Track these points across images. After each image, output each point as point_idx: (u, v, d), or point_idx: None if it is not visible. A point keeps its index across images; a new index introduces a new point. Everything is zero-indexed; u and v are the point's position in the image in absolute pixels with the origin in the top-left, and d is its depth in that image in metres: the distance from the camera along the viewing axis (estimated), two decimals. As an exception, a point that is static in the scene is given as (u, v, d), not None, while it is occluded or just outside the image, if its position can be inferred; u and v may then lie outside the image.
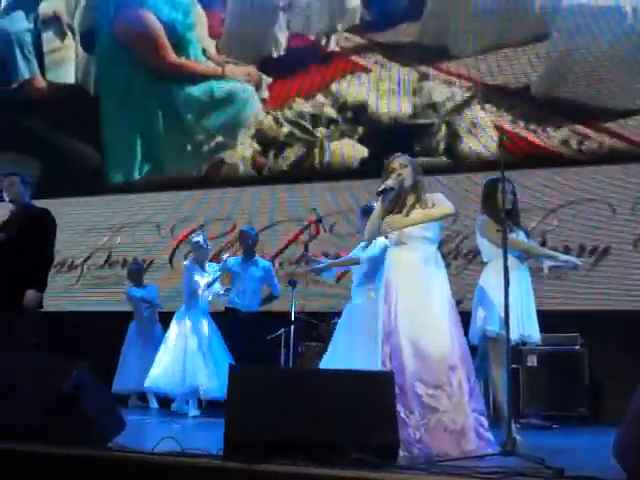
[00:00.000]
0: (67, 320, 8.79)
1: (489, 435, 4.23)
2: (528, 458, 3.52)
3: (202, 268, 7.73)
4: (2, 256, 5.60)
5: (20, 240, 5.61)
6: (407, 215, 4.52)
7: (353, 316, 5.99)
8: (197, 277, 7.64)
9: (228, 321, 7.72)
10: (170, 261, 9.20)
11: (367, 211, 6.39)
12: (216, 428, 5.66)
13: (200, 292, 7.61)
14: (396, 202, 4.61)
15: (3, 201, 5.95)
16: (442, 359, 4.26)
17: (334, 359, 5.89)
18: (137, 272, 8.90)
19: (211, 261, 8.07)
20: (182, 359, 7.41)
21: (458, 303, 6.62)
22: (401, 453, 3.65)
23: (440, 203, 4.54)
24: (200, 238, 7.83)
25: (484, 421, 4.28)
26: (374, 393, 3.49)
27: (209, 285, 7.62)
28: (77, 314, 9.28)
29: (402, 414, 4.12)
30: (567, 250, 7.61)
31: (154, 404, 8.19)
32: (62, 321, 8.17)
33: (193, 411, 7.30)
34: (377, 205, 4.56)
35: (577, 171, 8.03)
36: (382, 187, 4.51)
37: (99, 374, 4.04)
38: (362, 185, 8.21)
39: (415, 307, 4.35)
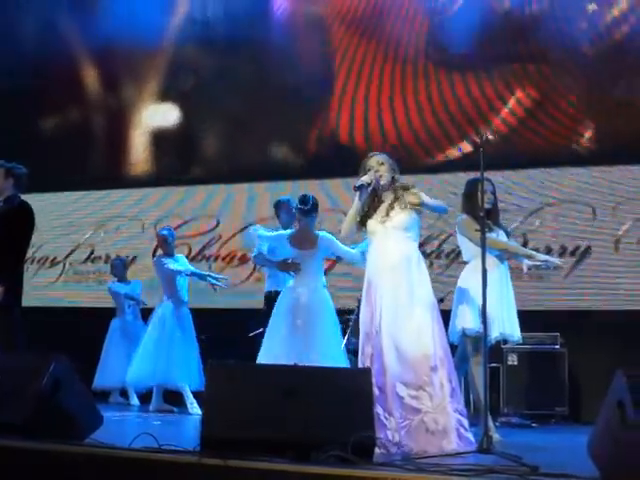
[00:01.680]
0: (49, 316, 8.77)
1: (469, 435, 4.25)
2: (505, 456, 3.53)
3: (171, 258, 7.77)
4: None
5: None
6: (387, 215, 4.54)
7: None
8: (172, 265, 7.65)
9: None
10: (153, 257, 9.16)
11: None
12: (194, 424, 5.71)
13: (178, 279, 7.64)
14: (372, 200, 4.63)
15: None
16: (424, 360, 4.28)
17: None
18: (120, 267, 8.88)
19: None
20: (155, 353, 7.47)
21: (440, 302, 6.67)
22: (378, 451, 3.66)
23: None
24: (166, 232, 7.88)
25: (464, 421, 4.30)
26: (351, 390, 3.50)
27: (201, 277, 7.64)
28: (59, 310, 9.25)
29: (382, 416, 4.14)
30: (548, 250, 7.65)
31: (135, 401, 8.17)
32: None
33: (154, 404, 7.50)
34: (354, 202, 4.58)
35: (558, 172, 8.06)
36: (359, 183, 4.54)
37: (80, 370, 4.03)
38: (345, 183, 8.18)
39: (397, 307, 4.36)
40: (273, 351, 5.62)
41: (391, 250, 4.50)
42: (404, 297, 4.39)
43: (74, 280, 9.83)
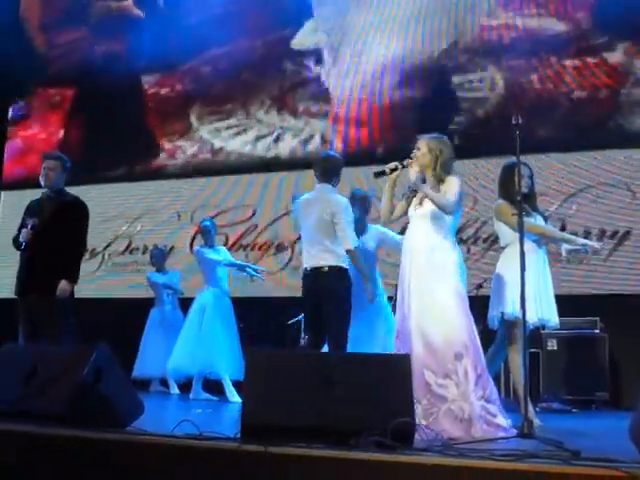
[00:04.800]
0: (89, 307, 8.87)
1: (498, 420, 4.20)
2: (546, 441, 3.51)
3: (212, 249, 7.82)
4: (34, 244, 5.54)
5: (52, 229, 5.54)
6: (420, 203, 4.54)
7: None
8: (212, 255, 7.71)
9: None
10: (190, 247, 9.24)
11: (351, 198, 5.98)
12: (234, 412, 5.75)
13: (219, 269, 7.68)
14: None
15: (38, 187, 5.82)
16: (446, 346, 4.26)
17: None
18: (159, 257, 8.96)
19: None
20: (195, 341, 7.51)
21: (479, 288, 6.69)
22: (418, 437, 3.65)
23: (446, 191, 4.51)
24: (208, 222, 7.93)
25: (491, 408, 4.24)
26: (391, 376, 3.50)
27: (240, 268, 7.73)
28: (98, 300, 9.34)
29: None
30: (587, 234, 7.58)
31: (175, 389, 8.25)
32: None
33: (194, 392, 7.54)
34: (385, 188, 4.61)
35: (597, 155, 7.98)
36: (380, 169, 4.54)
37: (119, 360, 4.07)
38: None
39: (422, 294, 4.37)
40: None
41: (417, 237, 4.53)
42: (427, 284, 4.38)
43: (113, 271, 9.94)
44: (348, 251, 5.41)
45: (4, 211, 10.49)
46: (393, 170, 4.55)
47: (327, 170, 5.65)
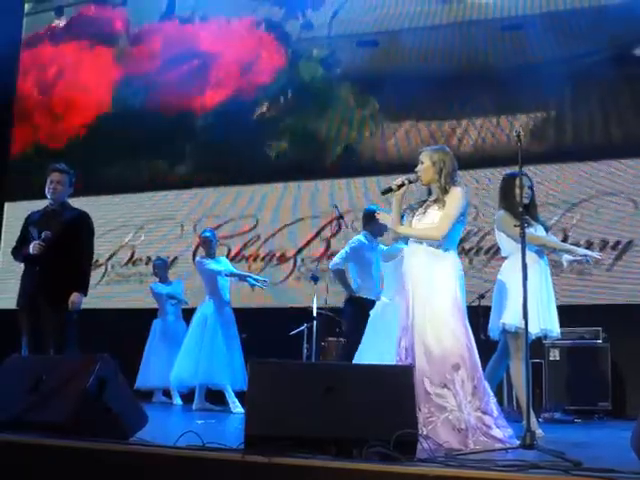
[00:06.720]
0: (92, 317, 8.88)
1: (494, 432, 4.18)
2: (548, 451, 3.52)
3: (213, 259, 7.83)
4: (44, 256, 5.51)
5: (61, 242, 5.55)
6: (424, 212, 4.54)
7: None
8: (213, 265, 7.71)
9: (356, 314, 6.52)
10: (193, 258, 9.26)
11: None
12: (237, 423, 5.75)
13: (220, 279, 7.68)
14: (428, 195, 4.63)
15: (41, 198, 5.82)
16: (444, 357, 4.27)
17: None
18: (162, 267, 8.98)
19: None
20: (197, 352, 7.52)
21: (480, 298, 6.70)
22: (420, 447, 3.66)
23: (445, 211, 4.49)
24: (209, 233, 7.93)
25: (488, 419, 4.23)
26: (394, 387, 3.51)
27: (241, 278, 7.75)
28: (101, 311, 9.35)
29: None
30: (589, 244, 7.60)
31: (178, 400, 8.25)
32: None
33: (197, 403, 7.52)
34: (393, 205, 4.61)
35: (599, 165, 8.00)
36: (387, 187, 4.55)
37: (122, 370, 4.08)
38: (382, 181, 8.20)
39: (423, 304, 4.38)
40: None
41: (416, 247, 4.54)
42: (427, 294, 4.40)
43: (116, 282, 9.95)
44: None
45: (8, 222, 10.52)
46: (400, 186, 4.55)
47: (367, 222, 6.66)
